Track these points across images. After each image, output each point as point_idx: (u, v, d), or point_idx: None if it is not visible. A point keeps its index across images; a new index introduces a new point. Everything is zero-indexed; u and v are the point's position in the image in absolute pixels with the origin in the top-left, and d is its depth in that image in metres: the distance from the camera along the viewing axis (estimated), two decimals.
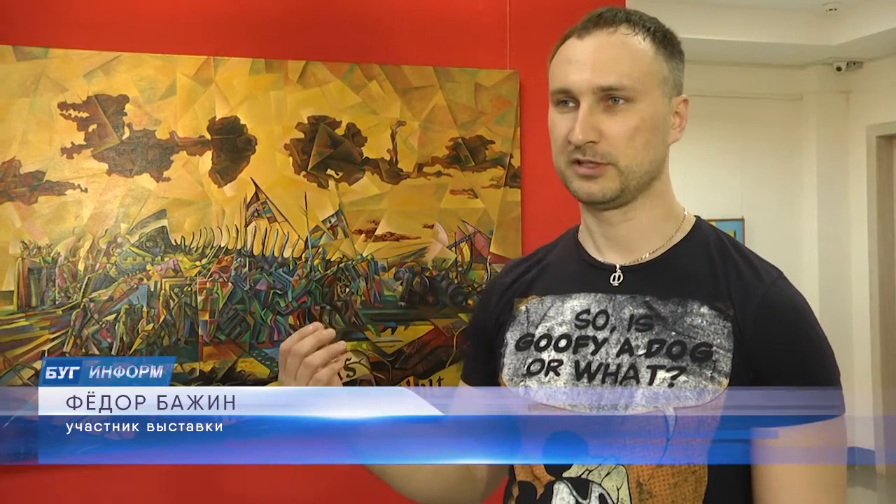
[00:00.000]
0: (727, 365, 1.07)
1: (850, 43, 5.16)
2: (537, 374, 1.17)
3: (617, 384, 1.11)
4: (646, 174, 1.13)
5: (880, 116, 5.54)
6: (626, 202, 1.14)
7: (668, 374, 1.08)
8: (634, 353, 1.11)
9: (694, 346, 1.09)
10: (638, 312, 1.13)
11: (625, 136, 1.11)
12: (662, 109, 1.14)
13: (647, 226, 1.17)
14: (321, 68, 2.41)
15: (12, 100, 2.15)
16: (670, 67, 1.15)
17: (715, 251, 1.15)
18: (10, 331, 2.13)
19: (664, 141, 1.15)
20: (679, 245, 1.16)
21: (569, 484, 1.12)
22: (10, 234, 2.14)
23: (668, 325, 1.11)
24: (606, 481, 1.10)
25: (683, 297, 1.12)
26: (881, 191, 5.57)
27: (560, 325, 1.18)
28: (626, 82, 1.11)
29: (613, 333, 1.13)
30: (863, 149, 5.64)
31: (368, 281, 2.43)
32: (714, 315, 1.10)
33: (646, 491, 1.08)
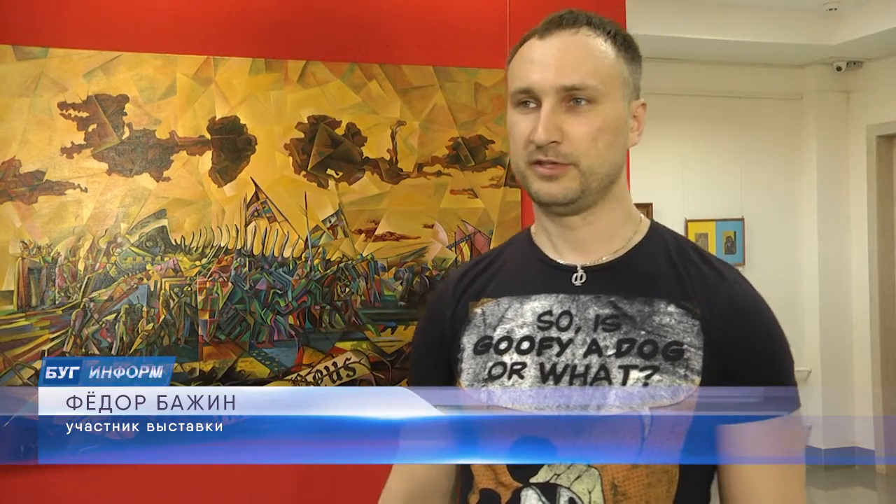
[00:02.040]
0: (699, 363, 1.08)
1: (850, 43, 5.16)
2: (500, 377, 1.14)
3: (586, 385, 1.09)
4: (606, 177, 1.13)
5: (880, 116, 5.54)
6: (585, 206, 1.13)
7: (642, 373, 1.08)
8: (603, 354, 1.10)
9: (665, 344, 1.09)
10: (604, 312, 1.12)
11: (588, 137, 1.10)
12: (623, 112, 1.13)
13: (607, 228, 1.17)
14: (321, 68, 2.41)
15: (12, 100, 2.15)
16: (630, 71, 1.15)
17: (674, 252, 1.16)
18: (10, 330, 2.13)
19: (624, 144, 1.15)
20: (638, 246, 1.17)
21: (537, 490, 1.10)
22: (10, 234, 2.14)
23: (637, 325, 1.11)
24: (577, 485, 1.08)
25: (649, 296, 1.12)
26: (881, 191, 5.57)
27: (521, 326, 1.16)
28: (589, 83, 1.10)
29: (579, 334, 1.12)
30: (863, 149, 5.64)
31: (368, 281, 2.43)
32: (682, 314, 1.10)
33: (620, 492, 1.07)
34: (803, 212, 5.74)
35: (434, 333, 1.26)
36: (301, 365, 2.35)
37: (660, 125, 5.40)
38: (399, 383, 2.44)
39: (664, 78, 5.35)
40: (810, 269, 5.71)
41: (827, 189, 5.69)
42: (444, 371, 1.23)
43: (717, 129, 5.62)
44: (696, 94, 5.52)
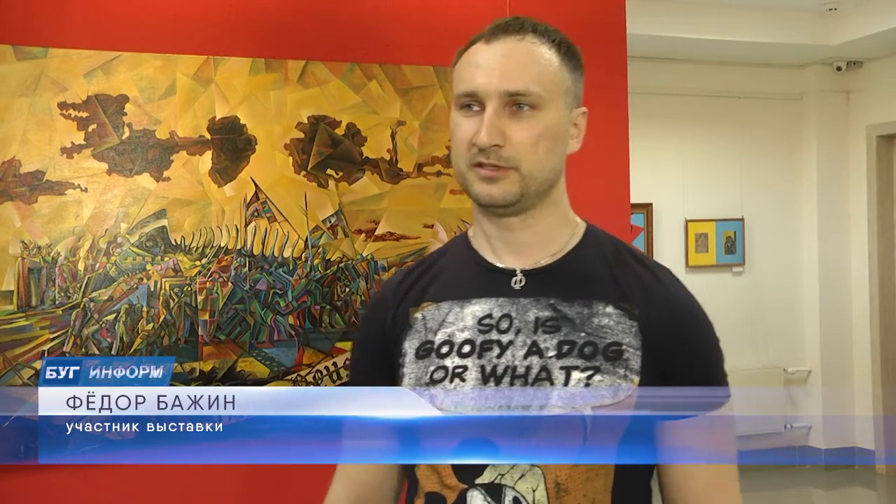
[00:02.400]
0: (637, 363, 1.11)
1: (850, 43, 5.16)
2: (442, 381, 1.15)
3: (528, 386, 1.11)
4: (545, 181, 1.16)
5: (880, 116, 5.54)
6: (525, 208, 1.16)
7: (584, 374, 1.10)
8: (544, 355, 1.12)
9: (605, 345, 1.12)
10: (543, 315, 1.14)
11: (529, 142, 1.12)
12: (564, 119, 1.16)
13: (545, 232, 1.19)
14: (321, 68, 2.41)
15: (12, 99, 2.15)
16: (573, 79, 1.17)
17: (611, 254, 1.19)
18: (10, 330, 2.13)
19: (563, 150, 1.18)
20: (576, 249, 1.19)
21: (482, 490, 1.11)
22: (10, 234, 2.14)
23: (577, 327, 1.13)
24: (521, 484, 1.10)
25: (588, 298, 1.14)
26: (881, 191, 5.57)
27: (461, 330, 1.17)
28: (532, 89, 1.13)
29: (519, 336, 1.14)
30: (863, 149, 5.64)
31: (368, 280, 2.43)
32: (620, 315, 1.13)
33: (563, 489, 1.09)
34: (803, 212, 5.74)
35: (373, 336, 1.27)
36: (301, 365, 2.35)
37: (660, 125, 5.40)
38: None
39: (664, 78, 5.35)
40: (810, 269, 5.71)
41: (827, 189, 5.69)
42: (383, 374, 1.24)
43: (717, 129, 5.62)
44: (696, 94, 5.52)
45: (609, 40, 2.73)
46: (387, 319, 1.25)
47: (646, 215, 5.50)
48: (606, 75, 2.72)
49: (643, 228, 5.51)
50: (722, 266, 5.58)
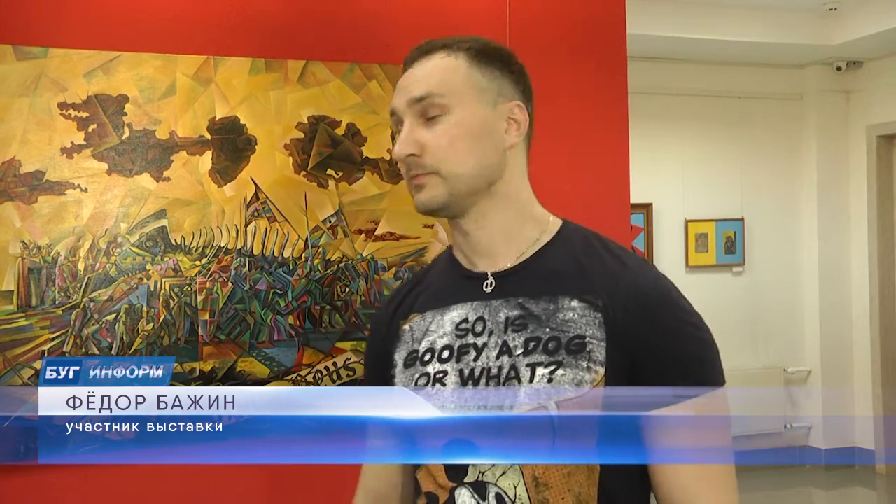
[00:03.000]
0: (601, 354, 1.10)
1: (850, 43, 5.16)
2: (424, 387, 1.20)
3: (500, 386, 1.13)
4: (474, 178, 1.19)
5: (880, 116, 5.54)
6: (465, 208, 1.20)
7: (547, 369, 1.11)
8: (513, 354, 1.14)
9: (568, 339, 1.12)
10: (513, 314, 1.16)
11: (443, 145, 1.18)
12: (483, 117, 1.19)
13: (504, 231, 1.21)
14: (321, 68, 2.41)
15: (12, 99, 2.15)
16: (489, 78, 1.20)
17: (580, 248, 1.19)
18: (10, 330, 2.13)
19: (495, 147, 1.19)
20: (545, 247, 1.20)
21: (469, 488, 1.15)
22: (10, 234, 2.14)
23: (542, 323, 1.14)
24: (502, 480, 1.12)
25: (553, 294, 1.15)
26: (881, 191, 5.57)
27: (441, 337, 1.21)
28: (434, 92, 1.19)
29: (492, 337, 1.16)
30: (863, 149, 5.64)
31: (368, 281, 2.43)
32: (584, 307, 1.13)
33: (542, 483, 1.10)
34: (803, 212, 5.74)
35: (373, 351, 1.35)
36: (301, 365, 2.35)
37: (660, 125, 5.41)
38: None
39: (664, 78, 5.35)
40: (810, 269, 5.72)
41: (827, 189, 5.70)
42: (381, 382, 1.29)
43: (717, 129, 5.62)
44: (696, 94, 5.53)
45: (609, 40, 2.73)
46: (381, 333, 1.32)
47: (646, 215, 5.50)
48: (606, 75, 2.72)
49: (643, 228, 5.51)
50: (722, 266, 5.59)
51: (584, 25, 2.71)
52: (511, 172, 1.22)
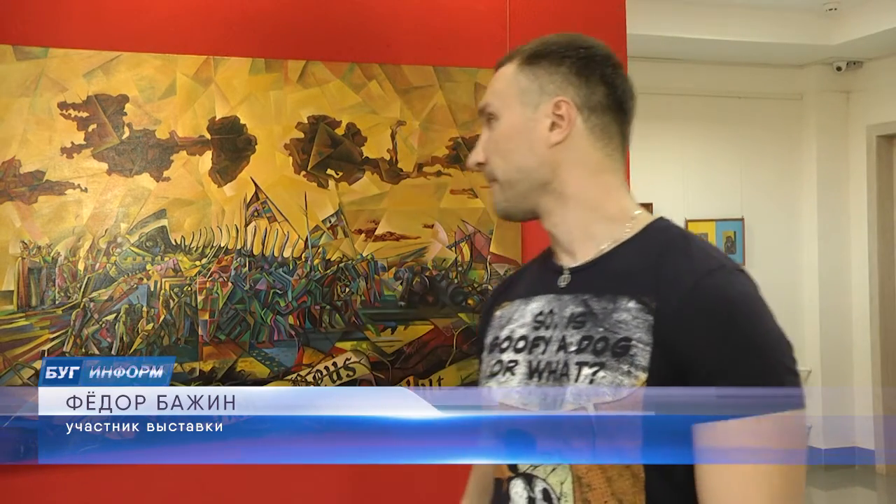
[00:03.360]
0: (645, 359, 1.05)
1: (850, 43, 5.16)
2: (497, 374, 1.21)
3: (556, 382, 1.13)
4: (521, 181, 1.19)
5: (880, 116, 5.54)
6: (529, 210, 1.21)
7: (591, 370, 1.09)
8: (568, 350, 1.13)
9: (616, 340, 1.08)
10: (577, 311, 1.15)
11: (493, 151, 1.21)
12: (522, 117, 1.19)
13: (577, 228, 1.19)
14: (321, 68, 2.41)
15: (12, 99, 2.15)
16: (532, 77, 1.19)
17: (658, 248, 1.13)
18: (10, 330, 2.13)
19: (533, 147, 1.18)
20: (621, 245, 1.16)
21: (523, 479, 1.16)
22: (10, 234, 2.14)
23: (598, 322, 1.11)
24: (552, 477, 1.12)
25: (615, 293, 1.11)
26: (881, 191, 5.57)
27: (521, 326, 1.22)
28: (489, 100, 1.23)
29: (556, 332, 1.16)
30: (863, 149, 5.64)
31: (368, 281, 2.43)
32: (638, 309, 1.08)
33: (585, 484, 1.10)
34: (803, 212, 5.74)
35: (479, 331, 1.37)
36: (301, 365, 2.35)
37: (660, 125, 5.40)
38: (399, 383, 2.44)
39: (664, 78, 5.35)
40: (810, 269, 5.71)
41: (827, 189, 5.69)
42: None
43: (717, 129, 5.62)
44: (696, 94, 5.52)
45: (609, 40, 2.71)
46: (484, 315, 1.36)
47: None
48: None
49: None
50: None
51: (584, 25, 2.71)
52: (567, 170, 1.18)
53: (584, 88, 1.17)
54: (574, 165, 1.17)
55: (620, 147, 1.21)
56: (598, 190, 1.18)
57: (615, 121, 1.19)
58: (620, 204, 1.19)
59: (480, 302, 2.52)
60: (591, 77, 1.18)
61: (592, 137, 1.18)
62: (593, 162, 1.18)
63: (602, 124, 1.18)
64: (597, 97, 1.18)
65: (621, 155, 1.21)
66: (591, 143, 1.18)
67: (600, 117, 1.18)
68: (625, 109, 1.20)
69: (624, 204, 1.19)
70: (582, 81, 1.18)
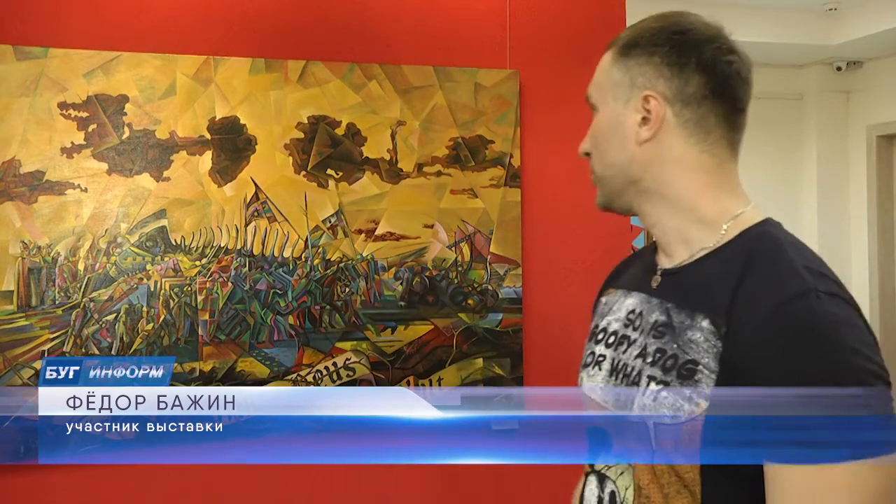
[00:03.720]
0: (709, 387, 0.97)
1: (849, 43, 5.16)
2: (588, 366, 1.21)
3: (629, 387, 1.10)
4: (614, 179, 1.15)
5: (880, 116, 5.54)
6: (626, 206, 1.16)
7: (657, 387, 1.04)
8: (645, 360, 1.08)
9: (684, 361, 1.01)
10: (659, 319, 1.09)
11: (592, 145, 1.18)
12: (615, 112, 1.13)
13: (672, 230, 1.11)
14: (321, 68, 2.41)
15: (12, 99, 2.15)
16: (624, 70, 1.12)
17: (745, 260, 1.02)
18: (10, 330, 2.13)
19: (622, 144, 1.12)
20: (711, 254, 1.07)
21: (597, 476, 1.16)
22: (10, 234, 2.14)
23: (675, 336, 1.04)
24: (620, 480, 1.12)
25: (693, 307, 1.04)
26: (881, 191, 5.57)
27: (616, 321, 1.19)
28: (590, 90, 1.19)
29: (640, 336, 1.11)
30: (863, 148, 5.64)
31: (368, 281, 2.43)
32: (711, 332, 0.99)
33: (644, 495, 1.08)
34: (803, 212, 5.74)
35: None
36: (301, 365, 2.35)
37: None
38: (399, 383, 2.44)
39: None
40: None
41: (827, 189, 5.69)
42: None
43: None
44: None
45: (609, 40, 2.73)
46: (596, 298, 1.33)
47: None
48: None
49: (643, 228, 5.50)
50: None
51: (584, 25, 2.71)
52: (659, 169, 1.10)
53: (675, 80, 1.08)
54: (665, 163, 1.10)
55: (723, 139, 1.12)
56: (693, 189, 1.10)
57: (715, 111, 1.09)
58: (720, 204, 1.11)
59: (480, 302, 2.52)
60: (684, 67, 1.08)
61: (685, 132, 1.09)
62: (687, 159, 1.10)
63: (697, 117, 1.09)
64: (691, 88, 1.08)
65: (725, 149, 1.12)
66: (683, 138, 1.09)
67: (695, 110, 1.08)
68: (729, 97, 1.09)
69: (723, 204, 1.11)
70: (674, 73, 1.08)
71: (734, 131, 1.13)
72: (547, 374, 2.64)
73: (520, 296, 2.55)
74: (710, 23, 1.12)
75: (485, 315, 2.52)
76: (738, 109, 1.11)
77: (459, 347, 2.49)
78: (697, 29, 1.10)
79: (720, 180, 1.12)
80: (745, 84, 1.10)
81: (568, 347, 2.68)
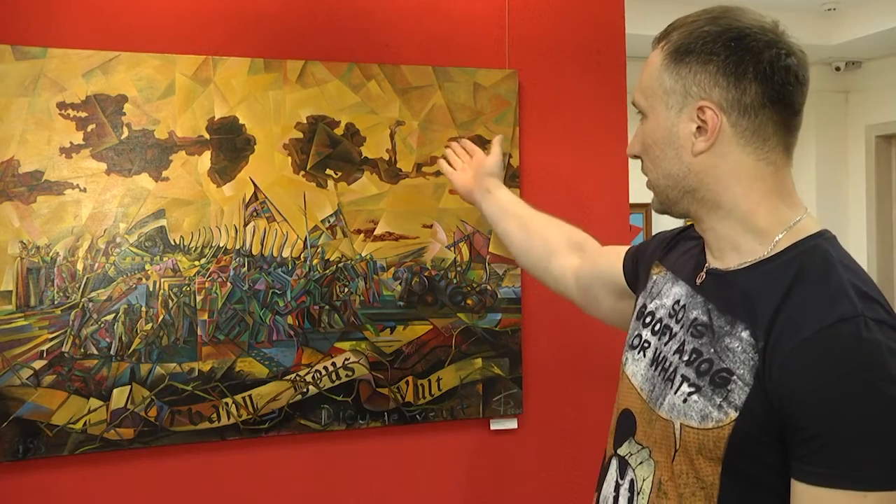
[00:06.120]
0: (740, 399, 0.98)
1: (849, 43, 5.16)
2: (634, 349, 1.22)
3: (664, 382, 1.12)
4: (670, 189, 1.12)
5: (879, 116, 5.54)
6: (680, 212, 1.15)
7: (689, 389, 1.05)
8: (681, 357, 1.10)
9: (718, 368, 1.02)
10: (700, 319, 1.10)
11: (644, 151, 1.15)
12: (668, 122, 1.10)
13: (725, 238, 1.11)
14: (320, 68, 2.41)
15: (11, 99, 2.15)
16: (676, 77, 1.09)
17: (791, 273, 1.02)
18: (9, 330, 2.12)
19: (678, 155, 1.09)
20: (760, 263, 1.07)
21: (618, 461, 1.18)
22: (9, 234, 2.14)
23: (713, 340, 1.05)
24: (640, 469, 1.13)
25: (735, 315, 1.04)
26: (880, 190, 5.57)
27: (663, 307, 1.20)
28: (636, 96, 1.16)
29: (681, 331, 1.13)
30: (862, 148, 5.65)
31: (367, 281, 2.43)
32: (750, 344, 1.00)
33: (662, 491, 1.09)
34: None
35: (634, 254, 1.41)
36: (300, 365, 2.35)
37: None
38: (398, 383, 2.44)
39: None
40: None
41: (826, 189, 5.70)
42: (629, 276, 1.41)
43: None
44: None
45: (609, 40, 2.73)
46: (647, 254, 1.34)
47: (645, 215, 5.49)
48: (606, 75, 2.72)
49: (642, 228, 5.51)
50: None
51: (583, 25, 2.71)
52: (715, 179, 1.08)
53: (732, 90, 1.05)
54: (722, 173, 1.08)
55: (780, 146, 1.08)
56: (750, 198, 1.08)
57: (773, 119, 1.06)
58: (775, 214, 1.08)
59: (479, 302, 2.52)
60: (742, 77, 1.05)
61: (742, 142, 1.06)
62: (744, 168, 1.07)
63: (754, 126, 1.06)
64: (748, 97, 1.05)
65: (780, 155, 1.08)
66: (740, 148, 1.06)
67: (752, 119, 1.05)
68: (787, 102, 1.06)
69: (778, 214, 1.08)
70: (731, 82, 1.05)
71: (790, 135, 1.09)
72: (546, 374, 2.64)
73: (519, 296, 2.55)
74: (766, 23, 1.11)
75: (484, 315, 2.52)
76: (795, 112, 1.08)
77: (458, 347, 2.49)
78: (753, 35, 1.08)
79: (776, 187, 1.09)
80: (802, 86, 1.09)
81: (567, 347, 2.68)
